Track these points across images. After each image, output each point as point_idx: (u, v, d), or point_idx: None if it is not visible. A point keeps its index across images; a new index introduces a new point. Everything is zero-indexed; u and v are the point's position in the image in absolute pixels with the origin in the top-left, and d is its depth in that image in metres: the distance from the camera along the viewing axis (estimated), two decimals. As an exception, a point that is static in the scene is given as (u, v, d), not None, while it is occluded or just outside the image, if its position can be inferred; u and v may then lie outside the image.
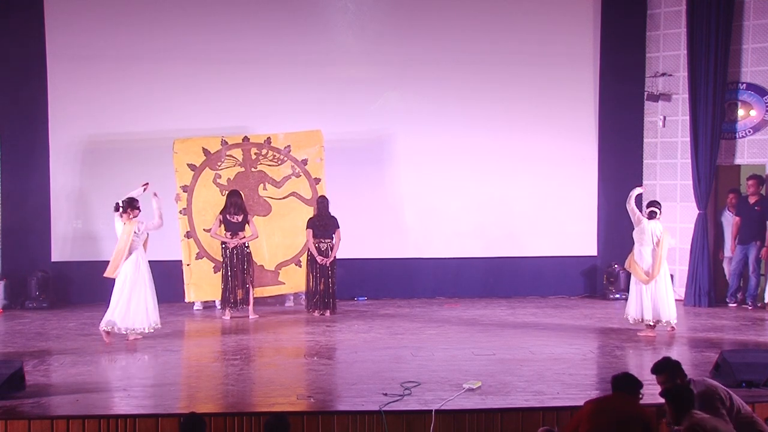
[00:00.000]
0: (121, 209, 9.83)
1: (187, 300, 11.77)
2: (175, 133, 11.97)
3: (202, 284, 11.72)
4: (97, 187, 12.46)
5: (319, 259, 11.35)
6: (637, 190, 10.34)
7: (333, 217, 11.50)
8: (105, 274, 9.87)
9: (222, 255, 11.31)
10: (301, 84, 12.64)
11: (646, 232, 9.98)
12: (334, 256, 11.46)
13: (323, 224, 11.45)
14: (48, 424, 6.90)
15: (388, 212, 12.83)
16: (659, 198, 12.83)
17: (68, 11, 12.41)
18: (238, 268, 11.24)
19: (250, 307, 11.40)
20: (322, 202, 11.59)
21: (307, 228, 11.46)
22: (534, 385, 7.87)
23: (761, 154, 12.22)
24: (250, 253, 11.36)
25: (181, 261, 11.72)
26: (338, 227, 11.48)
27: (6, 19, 12.19)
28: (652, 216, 10.04)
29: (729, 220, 12.38)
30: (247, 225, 11.28)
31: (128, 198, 9.93)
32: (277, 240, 11.91)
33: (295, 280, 11.95)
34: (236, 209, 11.20)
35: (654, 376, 6.49)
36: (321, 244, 11.42)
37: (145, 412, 7.15)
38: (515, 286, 12.91)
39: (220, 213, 11.26)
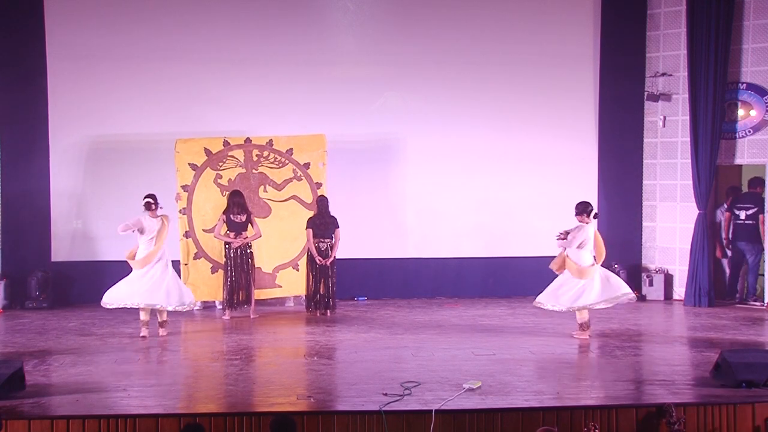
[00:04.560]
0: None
1: (184, 299, 11.75)
2: (174, 134, 11.95)
3: (200, 284, 11.69)
4: (97, 187, 12.47)
5: (318, 260, 11.35)
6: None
7: (333, 216, 11.50)
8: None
9: (225, 255, 11.30)
10: (300, 84, 12.64)
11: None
12: (334, 257, 11.46)
13: (323, 223, 11.44)
14: (48, 424, 6.90)
15: (388, 212, 12.83)
16: (659, 198, 12.90)
17: (68, 11, 12.41)
18: (241, 269, 11.23)
19: (252, 307, 11.40)
20: (322, 202, 11.59)
21: (307, 228, 11.45)
22: (534, 385, 7.88)
23: (761, 154, 12.22)
24: (252, 254, 11.35)
25: (179, 261, 11.71)
26: (338, 227, 11.47)
27: (6, 19, 12.19)
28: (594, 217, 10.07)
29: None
30: (250, 225, 11.27)
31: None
32: (276, 243, 11.88)
33: (292, 284, 11.93)
34: (239, 209, 11.19)
35: None
36: (321, 244, 11.41)
37: (145, 412, 7.15)
38: (515, 286, 12.89)
39: (223, 213, 11.25)
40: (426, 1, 12.96)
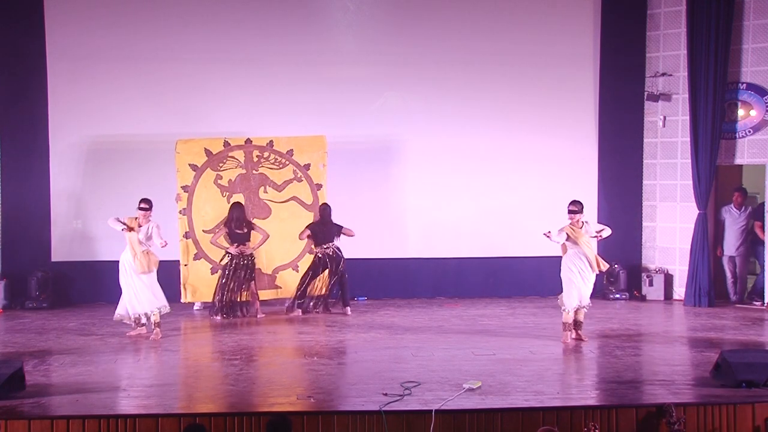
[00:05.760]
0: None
1: (183, 300, 11.72)
2: (175, 135, 11.95)
3: (199, 285, 11.69)
4: (97, 188, 12.47)
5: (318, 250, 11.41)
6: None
7: (336, 224, 11.49)
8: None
9: (224, 263, 11.30)
10: (300, 84, 12.64)
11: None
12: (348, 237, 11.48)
13: (326, 230, 11.44)
14: (48, 424, 6.91)
15: (389, 213, 12.83)
16: (659, 198, 12.91)
17: (68, 11, 12.41)
18: (239, 277, 11.22)
19: (257, 308, 11.42)
20: (325, 210, 11.56)
21: (306, 227, 11.45)
22: (534, 385, 7.88)
23: (761, 154, 12.22)
24: (253, 262, 11.35)
25: (179, 261, 11.70)
26: (342, 227, 11.48)
27: (6, 19, 12.20)
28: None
29: (735, 217, 12.42)
30: (252, 232, 11.28)
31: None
32: (276, 244, 11.84)
33: (291, 285, 11.90)
34: (239, 223, 11.21)
35: None
36: (326, 249, 11.41)
37: (145, 412, 7.15)
38: (515, 286, 12.90)
39: (225, 225, 11.27)
40: (426, 1, 12.96)
